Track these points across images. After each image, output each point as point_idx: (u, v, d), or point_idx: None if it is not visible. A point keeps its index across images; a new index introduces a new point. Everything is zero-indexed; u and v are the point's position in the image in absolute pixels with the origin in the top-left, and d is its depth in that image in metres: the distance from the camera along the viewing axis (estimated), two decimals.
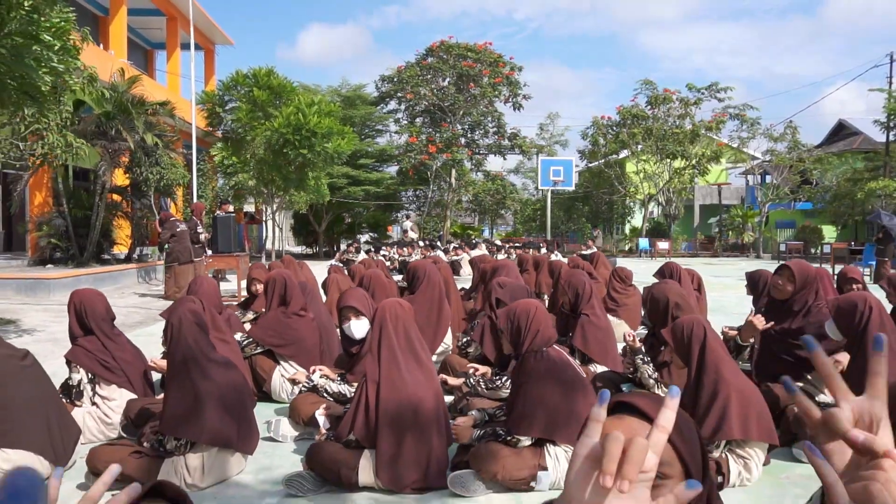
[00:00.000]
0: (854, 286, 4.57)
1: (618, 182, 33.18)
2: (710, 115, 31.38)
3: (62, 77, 3.88)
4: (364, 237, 34.71)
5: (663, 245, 29.79)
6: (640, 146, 30.93)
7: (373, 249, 19.04)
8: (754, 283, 5.51)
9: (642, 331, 6.04)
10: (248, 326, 5.42)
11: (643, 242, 30.34)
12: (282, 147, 16.63)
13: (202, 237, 12.47)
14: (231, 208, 14.25)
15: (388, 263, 14.30)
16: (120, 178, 16.07)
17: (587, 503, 0.67)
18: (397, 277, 9.86)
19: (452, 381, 4.15)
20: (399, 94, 31.46)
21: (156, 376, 4.55)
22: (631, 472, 0.64)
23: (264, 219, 24.44)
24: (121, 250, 17.38)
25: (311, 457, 3.05)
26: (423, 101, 30.88)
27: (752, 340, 3.88)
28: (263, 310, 5.10)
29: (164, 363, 3.73)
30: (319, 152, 16.89)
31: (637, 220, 35.93)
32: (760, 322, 3.63)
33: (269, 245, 22.29)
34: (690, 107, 31.20)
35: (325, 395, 3.71)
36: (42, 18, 3.29)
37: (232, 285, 12.54)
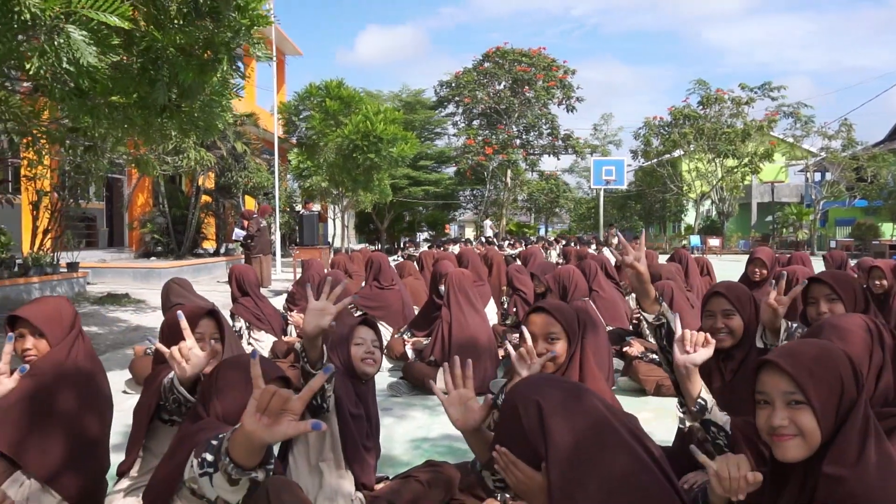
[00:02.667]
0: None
1: (670, 181, 33.92)
2: (762, 114, 31.90)
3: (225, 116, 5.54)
4: (423, 235, 36.56)
5: (714, 242, 30.46)
6: (691, 146, 31.64)
7: (435, 245, 20.84)
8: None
9: None
10: None
11: (694, 240, 31.05)
12: (351, 152, 18.28)
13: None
14: (314, 207, 16.06)
15: None
16: (208, 181, 18.12)
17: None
18: None
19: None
20: (457, 98, 33.05)
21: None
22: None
23: (331, 217, 26.46)
24: (209, 245, 19.49)
25: (405, 371, 4.62)
26: (480, 104, 32.38)
27: None
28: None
29: (299, 318, 5.34)
30: (385, 156, 18.48)
31: (690, 217, 36.55)
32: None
33: (337, 242, 24.20)
34: (742, 106, 31.74)
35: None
36: (230, 82, 4.94)
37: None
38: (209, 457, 1.47)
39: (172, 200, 17.52)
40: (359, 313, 6.16)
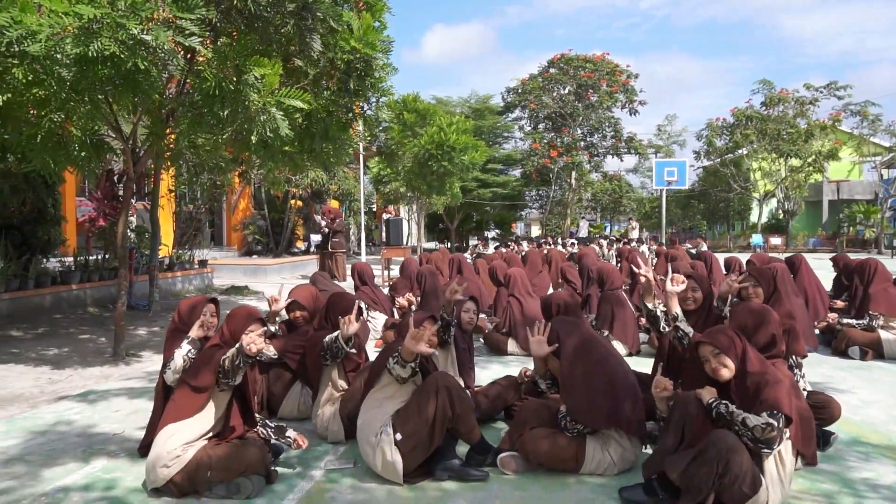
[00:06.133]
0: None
1: (733, 180, 34.55)
2: (827, 114, 32.21)
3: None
4: (491, 234, 38.38)
5: (776, 241, 31.02)
6: (754, 145, 32.26)
7: (501, 245, 22.74)
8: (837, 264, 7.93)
9: None
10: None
11: (756, 239, 31.69)
12: (426, 160, 20.12)
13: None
14: (391, 212, 18.08)
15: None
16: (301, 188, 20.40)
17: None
18: None
19: None
20: (523, 104, 34.65)
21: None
22: None
23: (404, 218, 28.65)
24: (300, 245, 21.85)
25: (485, 339, 6.45)
26: (546, 109, 33.88)
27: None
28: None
29: (404, 301, 7.21)
30: (457, 164, 20.27)
31: (755, 216, 36.98)
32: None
33: (412, 241, 26.32)
34: (807, 106, 32.15)
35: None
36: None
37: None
38: (395, 356, 3.31)
39: (270, 205, 19.90)
40: None
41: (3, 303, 8.53)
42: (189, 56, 5.62)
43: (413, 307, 5.98)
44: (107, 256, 11.07)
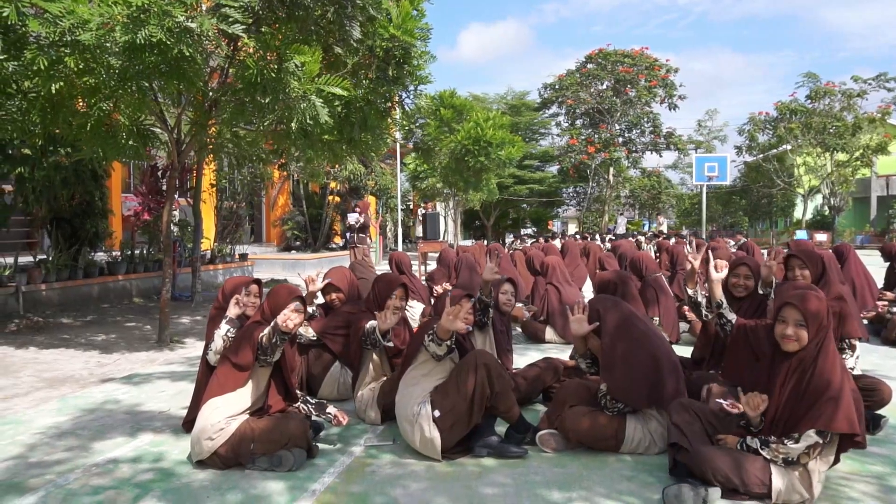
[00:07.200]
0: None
1: (776, 176, 33.74)
2: (876, 107, 31.20)
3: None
4: (527, 231, 38.22)
5: (821, 237, 30.21)
6: (798, 140, 31.45)
7: (540, 239, 22.74)
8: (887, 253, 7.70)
9: None
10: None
11: (800, 235, 30.87)
12: (463, 156, 20.10)
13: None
14: (430, 206, 18.13)
15: None
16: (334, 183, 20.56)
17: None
18: None
19: None
20: (560, 100, 34.37)
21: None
22: None
23: (441, 214, 28.69)
24: (338, 241, 22.04)
25: (523, 327, 6.43)
26: (583, 104, 33.56)
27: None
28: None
29: (440, 289, 7.21)
30: (494, 159, 20.22)
31: (800, 212, 36.05)
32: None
33: (448, 238, 26.31)
34: (854, 99, 31.19)
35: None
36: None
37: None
38: (431, 334, 3.32)
39: (308, 201, 20.13)
40: None
41: (54, 292, 8.81)
42: (232, 47, 5.72)
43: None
44: (151, 250, 11.35)
